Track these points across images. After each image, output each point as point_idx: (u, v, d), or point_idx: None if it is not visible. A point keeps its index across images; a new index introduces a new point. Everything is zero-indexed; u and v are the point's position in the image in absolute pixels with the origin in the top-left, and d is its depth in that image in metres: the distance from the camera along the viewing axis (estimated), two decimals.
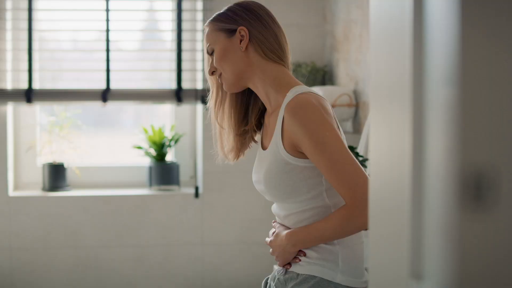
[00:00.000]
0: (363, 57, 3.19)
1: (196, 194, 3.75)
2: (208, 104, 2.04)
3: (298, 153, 1.79)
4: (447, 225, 0.82)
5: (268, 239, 1.93)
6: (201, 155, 3.79)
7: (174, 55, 3.77)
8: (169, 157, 3.88)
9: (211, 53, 1.93)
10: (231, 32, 1.89)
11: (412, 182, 0.92)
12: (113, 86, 3.73)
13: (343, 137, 1.81)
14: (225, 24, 1.91)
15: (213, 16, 1.96)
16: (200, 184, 3.82)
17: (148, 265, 3.77)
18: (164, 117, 4.09)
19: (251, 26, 1.89)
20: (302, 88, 1.83)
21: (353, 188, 1.70)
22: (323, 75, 3.63)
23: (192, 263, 3.80)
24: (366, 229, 1.75)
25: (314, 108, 1.75)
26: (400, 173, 0.96)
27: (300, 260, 1.84)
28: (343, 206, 1.74)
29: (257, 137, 2.03)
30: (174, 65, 3.78)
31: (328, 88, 3.31)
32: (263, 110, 1.99)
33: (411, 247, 0.92)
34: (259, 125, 2.01)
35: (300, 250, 1.85)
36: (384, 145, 1.06)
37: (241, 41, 1.88)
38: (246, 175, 3.76)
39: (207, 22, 1.97)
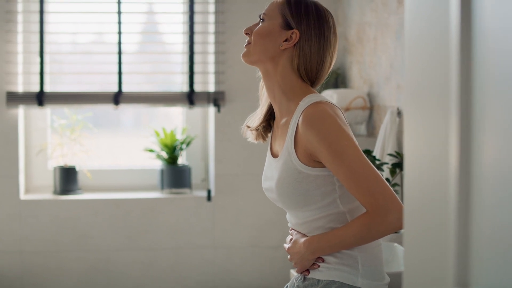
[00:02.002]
0: (377, 59, 3.17)
1: (209, 197, 3.74)
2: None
3: (313, 162, 1.76)
4: None
5: (286, 245, 1.91)
6: (213, 158, 3.77)
7: (185, 58, 3.76)
8: (180, 160, 3.86)
9: (261, 19, 1.87)
10: (287, 26, 1.82)
11: (459, 186, 0.89)
12: (125, 89, 3.71)
13: (356, 142, 1.79)
14: (290, 14, 1.82)
15: None
16: (212, 187, 3.80)
17: (159, 268, 3.75)
18: (166, 118, 4.08)
19: (307, 38, 1.80)
20: (315, 96, 1.79)
21: (374, 196, 1.69)
22: (336, 78, 3.61)
23: (204, 267, 3.78)
24: (391, 233, 1.74)
25: (330, 117, 1.73)
26: (445, 176, 0.94)
27: (319, 266, 1.82)
28: (364, 214, 1.72)
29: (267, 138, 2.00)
30: (185, 68, 3.76)
31: (342, 90, 3.30)
32: (272, 112, 1.95)
33: (457, 253, 0.90)
34: (269, 127, 1.97)
35: (318, 257, 1.82)
36: (424, 149, 1.04)
37: (286, 39, 1.82)
38: (258, 178, 3.73)
39: None
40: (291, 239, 1.89)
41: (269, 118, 1.95)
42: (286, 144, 1.79)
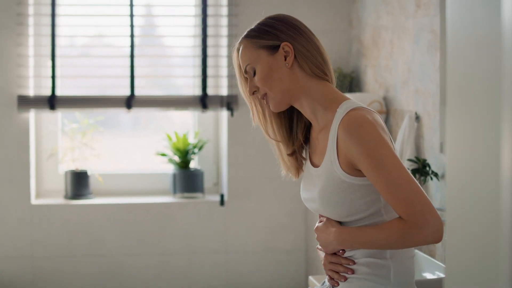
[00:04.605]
0: (394, 63, 3.14)
1: (222, 202, 3.70)
2: (254, 124, 1.92)
3: (355, 171, 1.73)
4: None
5: (317, 224, 1.87)
6: (226, 162, 3.74)
7: (198, 61, 3.73)
8: (192, 164, 3.83)
9: (253, 73, 1.82)
10: (274, 49, 1.79)
11: None
12: (136, 92, 3.68)
13: (395, 147, 1.76)
14: (266, 40, 1.79)
15: (248, 33, 1.82)
16: (224, 191, 3.77)
17: (172, 273, 3.72)
18: (166, 120, 4.05)
19: (294, 41, 1.79)
20: (352, 103, 1.76)
21: (412, 207, 1.65)
22: (350, 81, 3.58)
23: (216, 271, 3.75)
24: (425, 245, 1.70)
25: (369, 125, 1.69)
26: (496, 183, 0.90)
27: (346, 279, 1.78)
28: (401, 221, 1.67)
29: (303, 153, 1.95)
30: (198, 71, 3.73)
31: (358, 95, 3.27)
32: (308, 125, 1.91)
33: (510, 265, 0.86)
34: (305, 140, 1.93)
35: (349, 269, 1.78)
36: (471, 154, 1.00)
37: (285, 57, 1.79)
38: (271, 181, 3.71)
39: (240, 39, 1.84)
40: (322, 221, 1.85)
41: (306, 132, 1.90)
42: (328, 153, 1.76)
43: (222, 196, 3.71)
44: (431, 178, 2.63)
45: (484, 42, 0.97)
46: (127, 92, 3.68)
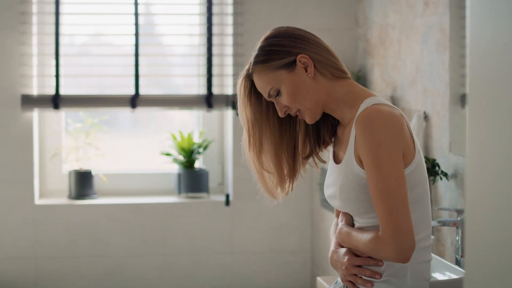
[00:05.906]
0: (402, 63, 3.11)
1: (227, 202, 3.68)
2: (247, 151, 1.88)
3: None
4: None
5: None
6: (231, 162, 3.71)
7: (203, 60, 3.70)
8: (197, 164, 3.80)
9: (276, 94, 1.78)
10: (291, 65, 1.76)
11: None
12: (142, 91, 3.66)
13: (417, 147, 1.72)
14: (279, 60, 1.77)
15: (256, 59, 1.79)
16: (230, 191, 3.74)
17: (176, 274, 3.70)
18: (165, 119, 4.03)
19: (306, 51, 1.77)
20: (374, 99, 1.74)
21: (386, 221, 1.63)
22: (356, 80, 3.54)
23: (221, 272, 3.72)
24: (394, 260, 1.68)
25: (381, 123, 1.66)
26: None
27: (372, 285, 1.76)
28: (375, 234, 1.68)
29: (320, 154, 1.93)
30: (203, 70, 3.71)
31: None
32: (334, 124, 1.88)
33: None
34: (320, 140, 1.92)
35: (377, 272, 1.75)
36: (494, 155, 0.97)
37: (305, 69, 1.76)
38: None
39: (251, 66, 1.80)
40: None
41: (332, 131, 1.89)
42: (349, 149, 1.75)
43: (227, 196, 3.68)
44: (441, 178, 2.60)
45: (507, 41, 0.95)
46: (131, 91, 3.65)
